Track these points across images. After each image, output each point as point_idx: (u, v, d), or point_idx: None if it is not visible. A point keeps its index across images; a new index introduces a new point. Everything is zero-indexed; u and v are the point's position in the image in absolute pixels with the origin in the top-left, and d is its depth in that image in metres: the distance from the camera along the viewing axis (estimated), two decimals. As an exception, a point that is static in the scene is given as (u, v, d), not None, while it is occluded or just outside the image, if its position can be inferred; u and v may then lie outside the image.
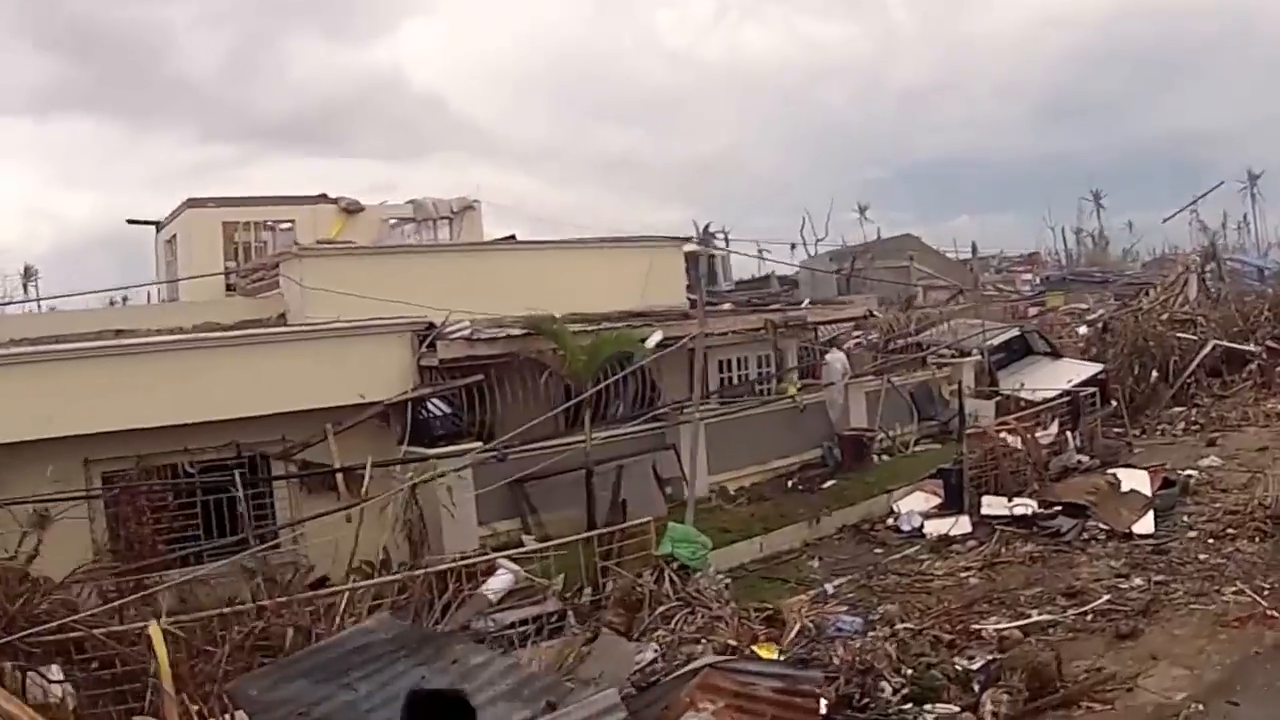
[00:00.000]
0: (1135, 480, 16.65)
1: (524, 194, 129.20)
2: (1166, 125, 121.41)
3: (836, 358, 20.11)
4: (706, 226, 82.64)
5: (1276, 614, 11.36)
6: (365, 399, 14.99)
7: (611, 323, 19.36)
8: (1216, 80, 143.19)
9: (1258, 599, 11.80)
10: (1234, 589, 12.25)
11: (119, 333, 15.86)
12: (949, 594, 13.12)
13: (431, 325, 15.80)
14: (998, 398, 21.76)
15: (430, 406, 15.35)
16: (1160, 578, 13.01)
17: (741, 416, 18.63)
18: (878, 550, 15.75)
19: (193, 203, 24.19)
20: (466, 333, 15.74)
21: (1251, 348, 26.17)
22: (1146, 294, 31.32)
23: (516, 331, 16.18)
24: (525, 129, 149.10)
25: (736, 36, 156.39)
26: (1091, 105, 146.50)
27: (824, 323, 22.00)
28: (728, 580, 12.89)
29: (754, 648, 10.93)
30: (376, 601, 11.04)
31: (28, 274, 73.16)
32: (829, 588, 13.81)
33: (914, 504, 17.10)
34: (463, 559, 12.49)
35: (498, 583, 12.32)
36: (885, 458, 19.86)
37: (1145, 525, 15.30)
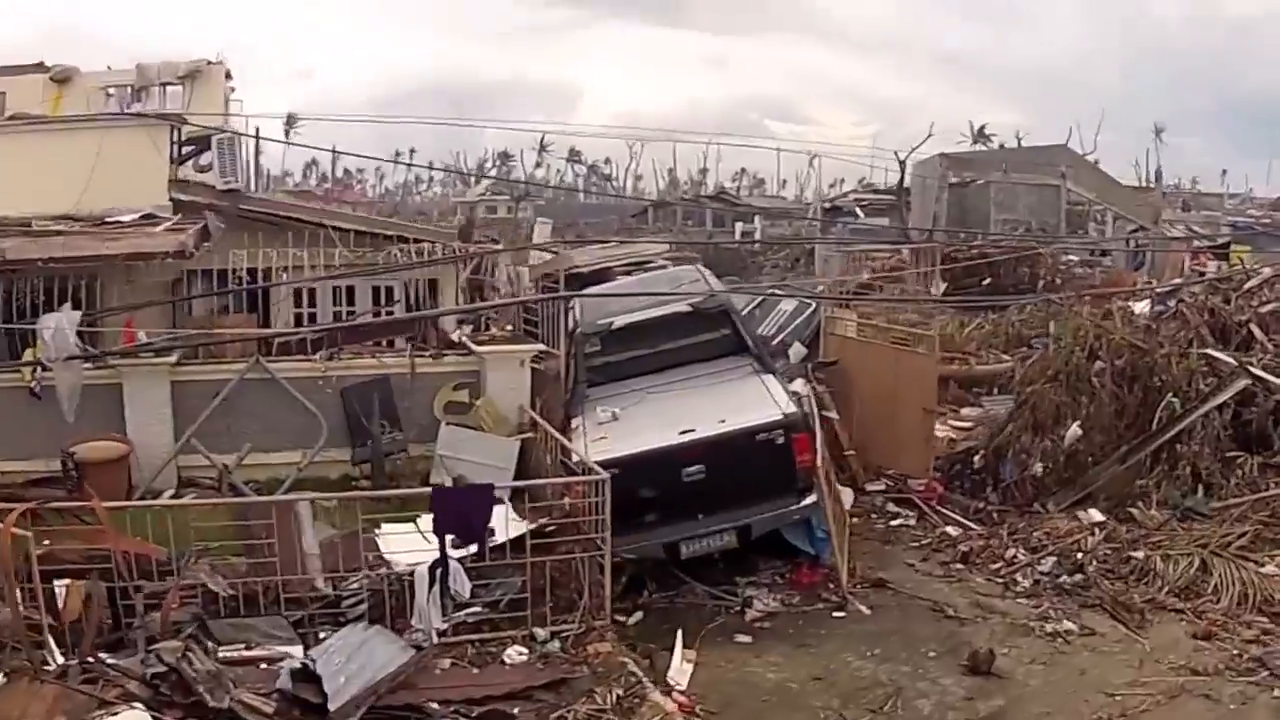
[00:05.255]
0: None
1: (855, 81, 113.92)
2: None
3: (54, 320, 9.86)
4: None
5: None
6: None
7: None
8: None
9: None
10: None
11: None
12: None
13: None
14: (523, 435, 9.84)
15: None
16: None
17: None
18: None
19: (-112, 74, 18.85)
20: None
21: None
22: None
23: None
24: (864, 13, 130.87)
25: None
26: None
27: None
28: None
29: None
30: None
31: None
32: None
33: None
34: None
35: None
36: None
37: None
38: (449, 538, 7.66)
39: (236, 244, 12.62)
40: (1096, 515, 10.42)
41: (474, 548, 7.81)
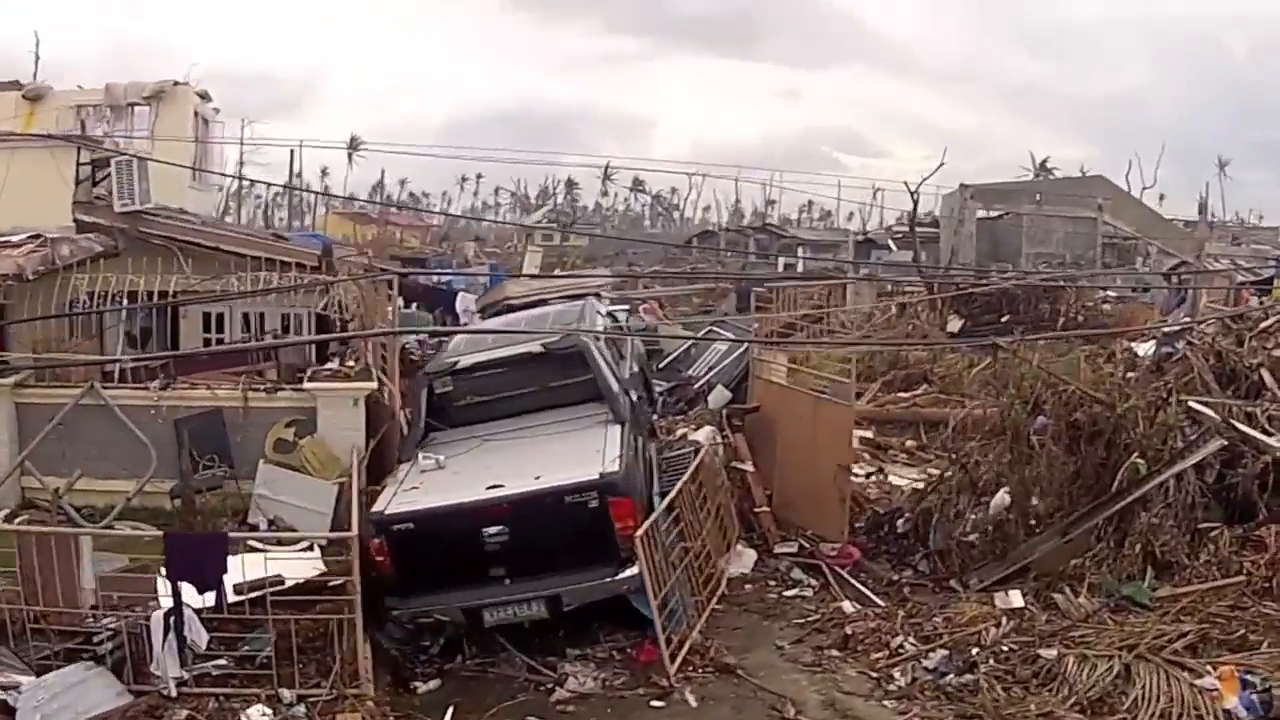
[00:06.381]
0: None
1: (926, 115, 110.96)
2: None
3: None
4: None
5: None
6: None
7: None
8: None
9: None
10: None
11: None
12: None
13: None
14: (345, 479, 8.66)
15: None
16: None
17: None
18: None
19: None
20: None
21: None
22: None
23: None
24: (935, 47, 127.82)
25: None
26: None
27: None
28: None
29: None
30: None
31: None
32: None
33: None
34: None
35: None
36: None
37: None
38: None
39: (140, 267, 11.98)
40: (1016, 599, 8.63)
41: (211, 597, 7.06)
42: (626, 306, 16.56)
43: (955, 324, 23.22)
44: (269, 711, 6.73)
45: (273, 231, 14.95)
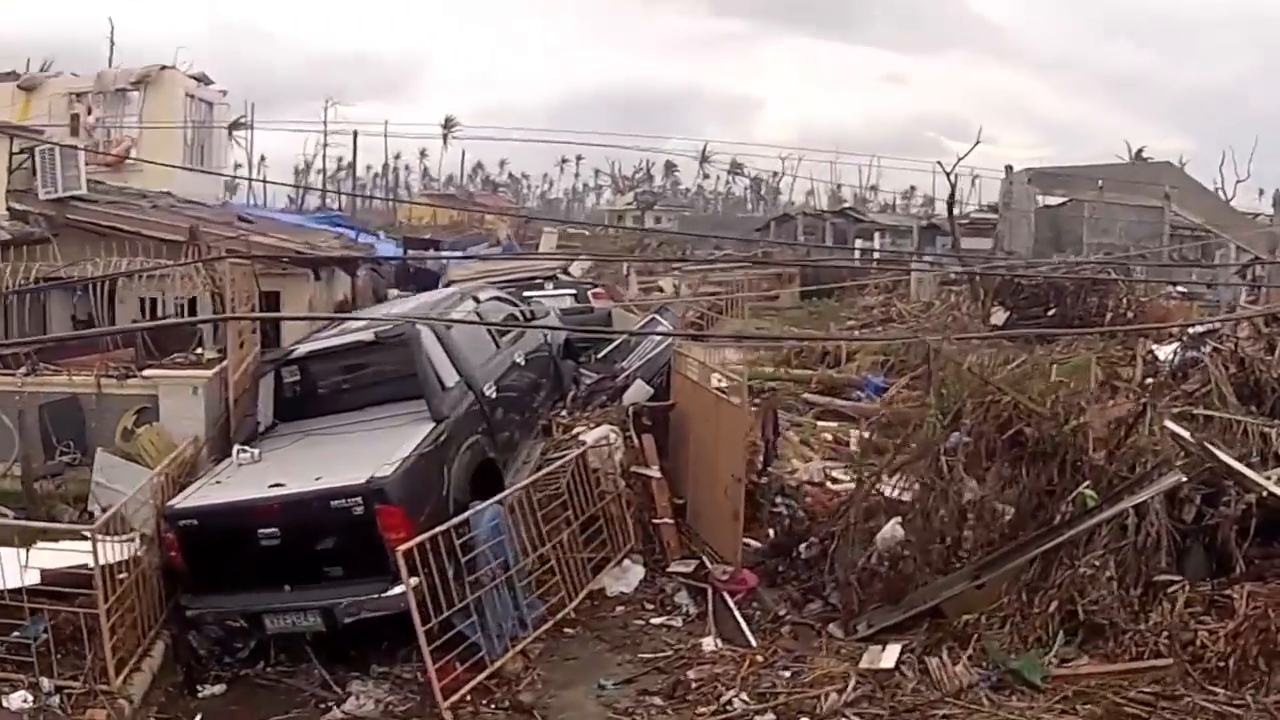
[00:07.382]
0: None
1: (1034, 102, 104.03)
2: None
3: None
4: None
5: None
6: None
7: None
8: None
9: None
10: None
11: None
12: None
13: None
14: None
15: None
16: None
17: None
18: None
19: None
20: None
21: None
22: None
23: None
24: (1041, 34, 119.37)
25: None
26: None
27: None
28: None
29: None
30: None
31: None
32: None
33: None
34: None
35: None
36: None
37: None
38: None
39: (78, 253, 11.70)
40: (888, 658, 7.05)
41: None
42: (573, 290, 15.28)
43: (999, 316, 21.12)
44: (30, 698, 6.74)
45: (238, 214, 14.57)
